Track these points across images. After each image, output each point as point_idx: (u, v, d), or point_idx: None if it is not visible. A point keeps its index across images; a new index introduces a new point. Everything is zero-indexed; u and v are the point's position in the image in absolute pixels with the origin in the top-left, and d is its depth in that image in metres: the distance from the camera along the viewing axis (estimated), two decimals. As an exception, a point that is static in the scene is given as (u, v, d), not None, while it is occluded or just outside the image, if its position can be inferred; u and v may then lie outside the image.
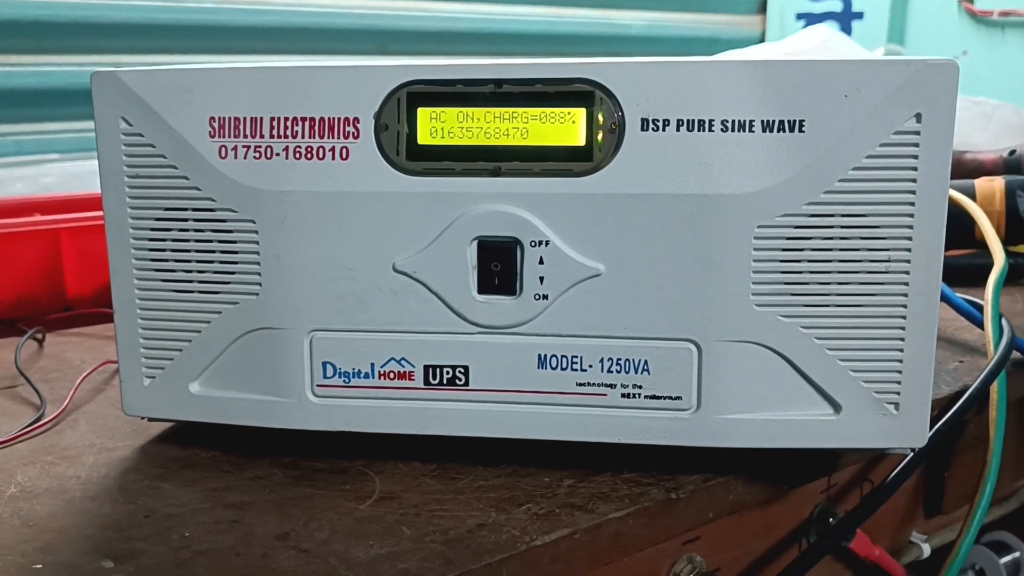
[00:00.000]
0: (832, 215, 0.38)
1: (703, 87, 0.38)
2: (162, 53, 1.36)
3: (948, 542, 0.54)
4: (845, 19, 1.93)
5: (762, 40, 2.08)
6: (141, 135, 0.42)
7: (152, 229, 0.43)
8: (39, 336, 0.66)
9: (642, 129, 0.39)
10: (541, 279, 0.40)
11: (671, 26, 2.01)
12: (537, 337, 0.41)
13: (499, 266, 0.40)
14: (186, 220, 0.42)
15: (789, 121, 0.38)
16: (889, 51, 1.46)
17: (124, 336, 0.44)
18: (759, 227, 0.38)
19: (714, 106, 0.38)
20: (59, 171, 0.93)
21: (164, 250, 0.43)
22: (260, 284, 0.42)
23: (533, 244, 0.40)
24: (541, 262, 0.40)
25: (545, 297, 0.40)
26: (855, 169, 0.38)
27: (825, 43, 0.87)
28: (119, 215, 0.43)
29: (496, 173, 0.40)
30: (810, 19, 1.99)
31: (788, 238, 0.38)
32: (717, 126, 0.38)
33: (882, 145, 0.38)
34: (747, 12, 2.13)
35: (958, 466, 0.56)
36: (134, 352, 0.44)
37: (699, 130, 0.38)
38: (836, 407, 0.40)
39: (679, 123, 0.38)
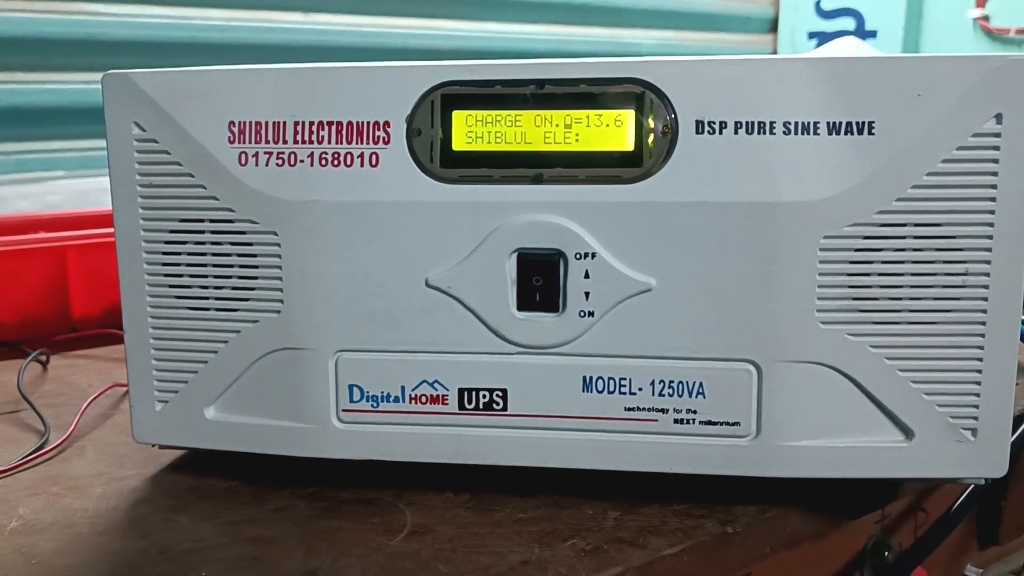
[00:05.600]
0: (905, 224, 0.35)
1: (763, 87, 0.35)
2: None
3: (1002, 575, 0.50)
4: (858, 38, 1.91)
5: (774, 59, 2.06)
6: (155, 141, 0.39)
7: (166, 242, 0.40)
8: (43, 358, 0.63)
9: (697, 132, 0.36)
10: (586, 295, 0.37)
11: (681, 45, 1.99)
12: (582, 358, 0.38)
13: (541, 280, 0.37)
14: (203, 232, 0.39)
15: (857, 123, 0.35)
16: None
17: (135, 357, 0.41)
18: (825, 238, 0.35)
19: (775, 107, 0.35)
20: (65, 189, 0.90)
21: (179, 264, 0.40)
22: (282, 301, 0.39)
23: (578, 257, 0.37)
24: (587, 276, 0.37)
25: (591, 314, 0.37)
26: (930, 175, 0.35)
27: (854, 54, 0.84)
28: (131, 227, 0.40)
29: (538, 180, 0.37)
30: (822, 38, 1.97)
31: (857, 249, 0.35)
32: (779, 128, 0.35)
33: (959, 148, 0.35)
34: (758, 31, 2.12)
35: (1015, 494, 0.53)
36: (145, 374, 0.41)
37: (759, 133, 0.35)
38: (908, 433, 0.37)
39: (737, 125, 0.36)
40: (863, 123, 0.35)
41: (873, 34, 1.91)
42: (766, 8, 2.13)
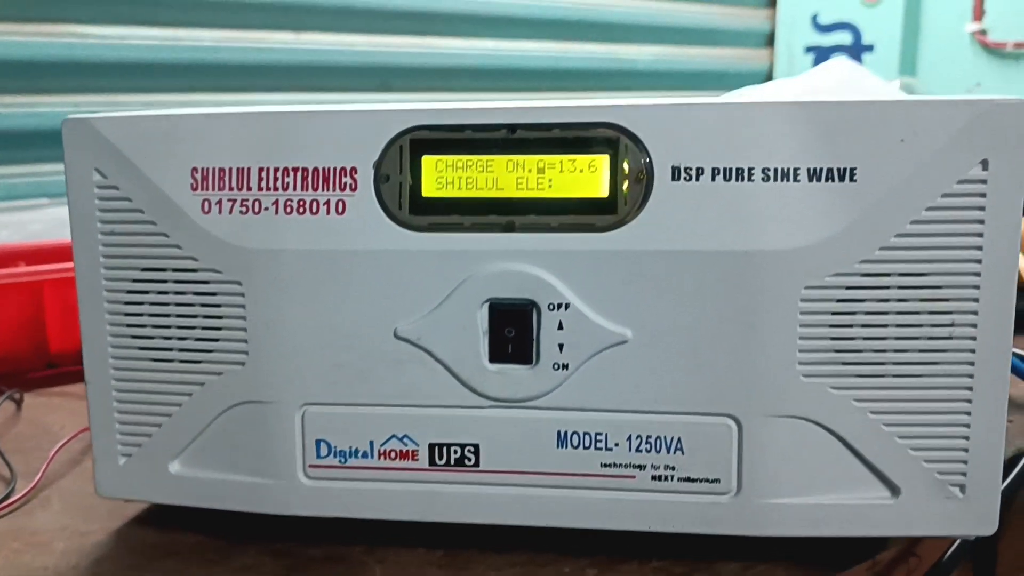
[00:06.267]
0: (888, 274, 0.34)
1: (741, 131, 0.34)
2: (160, 92, 1.34)
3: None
4: (855, 52, 1.90)
5: (770, 74, 2.05)
6: (116, 188, 0.38)
7: (128, 291, 0.38)
8: (17, 397, 0.61)
9: (673, 179, 0.35)
10: (560, 346, 0.36)
11: (678, 61, 1.99)
12: (556, 412, 0.36)
13: (513, 332, 0.36)
14: (165, 281, 0.38)
15: (839, 169, 0.34)
16: (904, 84, 1.43)
17: (97, 410, 0.39)
18: (806, 288, 0.34)
19: (754, 152, 0.34)
20: (48, 217, 0.89)
21: (141, 315, 0.38)
22: (247, 353, 0.37)
23: (551, 307, 0.36)
24: (560, 327, 0.36)
25: (565, 367, 0.36)
26: (914, 223, 0.34)
27: (848, 77, 0.83)
28: (92, 276, 0.38)
29: (510, 228, 0.36)
30: (819, 52, 1.96)
31: (839, 300, 0.34)
32: (757, 175, 0.34)
33: (944, 196, 0.33)
34: (755, 46, 2.11)
35: (1010, 537, 0.51)
36: (108, 427, 0.39)
37: (737, 179, 0.34)
38: (894, 490, 0.35)
39: (714, 172, 0.34)
40: (845, 169, 0.34)
41: (870, 48, 1.90)
42: (762, 23, 2.12)
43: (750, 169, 0.34)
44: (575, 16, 1.80)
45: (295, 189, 0.36)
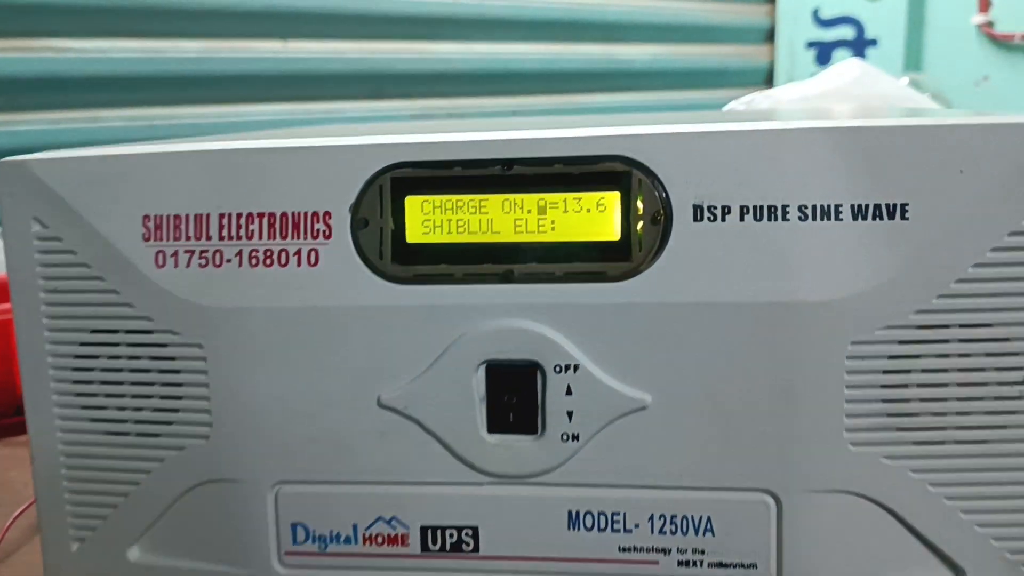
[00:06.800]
0: (948, 326, 0.29)
1: (773, 162, 0.29)
2: (143, 106, 1.29)
3: None
4: (859, 46, 1.85)
5: (771, 71, 2.01)
6: (58, 239, 0.33)
7: (76, 356, 0.34)
8: (-20, 449, 0.57)
9: (695, 219, 0.30)
10: (570, 414, 0.31)
11: (676, 59, 1.94)
12: (567, 488, 0.32)
13: (515, 398, 0.31)
14: (117, 345, 0.33)
15: (888, 205, 0.29)
16: (912, 81, 1.38)
17: (45, 490, 0.35)
18: (853, 344, 0.29)
19: (789, 187, 0.29)
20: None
21: (91, 382, 0.34)
22: (211, 425, 0.33)
23: (558, 369, 0.31)
24: (569, 392, 0.31)
25: (575, 437, 0.31)
26: (976, 266, 0.29)
27: (860, 80, 0.79)
28: (35, 339, 0.34)
29: (508, 278, 0.31)
30: (821, 48, 1.92)
31: (891, 357, 0.29)
32: (793, 213, 0.29)
33: (1011, 234, 0.29)
34: (754, 42, 2.06)
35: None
36: (58, 509, 0.35)
37: (770, 219, 0.29)
38: (957, 571, 0.31)
39: (743, 210, 0.30)
40: (895, 205, 0.29)
41: (874, 42, 1.85)
42: (762, 18, 2.08)
43: (784, 207, 0.29)
44: (569, 17, 1.75)
45: (260, 238, 0.32)
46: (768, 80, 1.93)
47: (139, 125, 1.27)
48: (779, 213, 0.29)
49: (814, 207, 0.29)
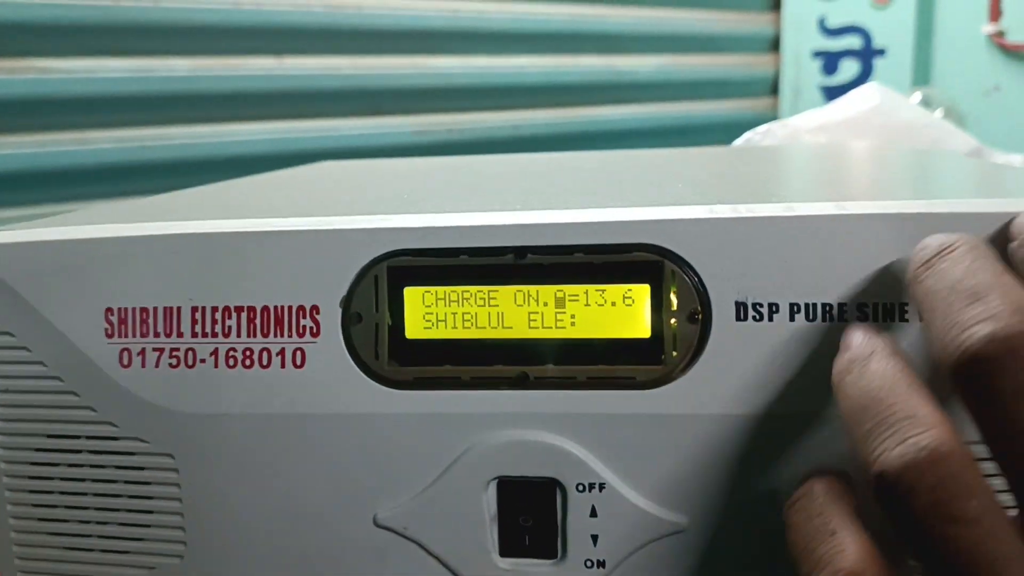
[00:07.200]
0: None
1: (829, 252, 0.26)
2: (132, 127, 1.25)
3: None
4: (866, 57, 1.82)
5: (776, 81, 1.97)
6: (11, 335, 0.29)
7: (32, 463, 0.30)
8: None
9: (738, 318, 0.26)
10: (594, 538, 0.27)
11: (679, 70, 1.91)
12: (590, 620, 0.28)
13: (531, 519, 0.27)
14: (79, 452, 0.29)
15: (963, 305, 0.25)
16: (923, 95, 1.34)
17: (-1, 612, 0.31)
18: (921, 462, 0.25)
19: (847, 282, 0.25)
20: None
21: (51, 491, 0.30)
22: (184, 543, 0.29)
23: (581, 488, 0.27)
24: (594, 514, 0.27)
25: (601, 564, 0.27)
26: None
27: (880, 107, 0.75)
28: (-14, 443, 0.30)
29: (522, 383, 0.27)
30: (828, 57, 1.88)
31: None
32: (851, 312, 0.25)
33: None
34: (759, 51, 2.03)
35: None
36: (14, 632, 0.31)
37: (825, 319, 0.26)
38: None
39: (793, 309, 0.26)
40: (971, 305, 0.25)
41: (881, 52, 1.81)
42: (766, 27, 2.04)
43: (841, 305, 0.25)
44: (571, 28, 1.72)
45: (239, 335, 0.28)
46: (773, 91, 1.90)
47: (129, 146, 1.23)
48: (835, 312, 0.25)
49: (875, 305, 0.25)
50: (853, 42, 1.86)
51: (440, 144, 1.43)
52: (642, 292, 0.27)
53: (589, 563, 0.27)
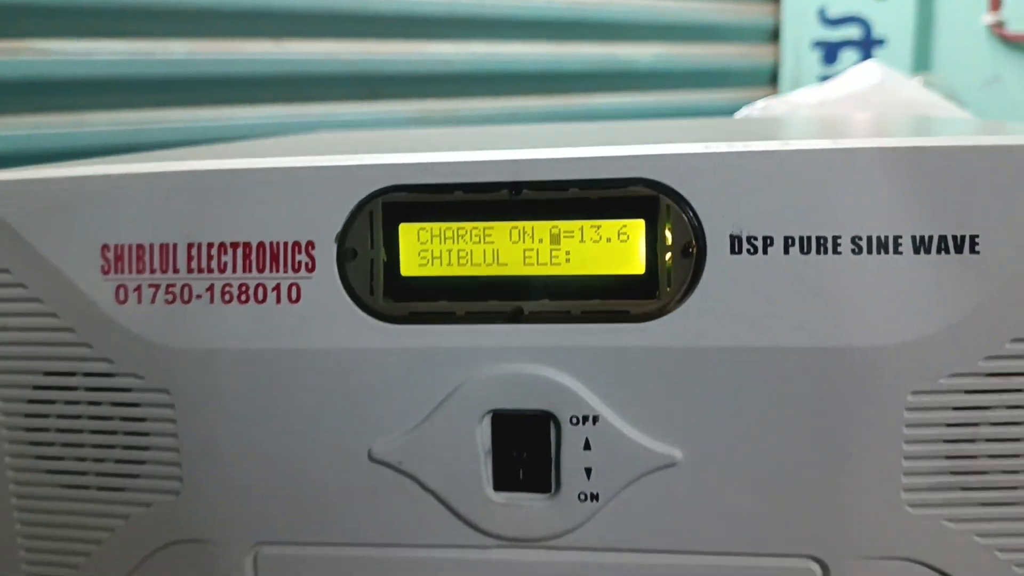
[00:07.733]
0: (1022, 373, 0.26)
1: (823, 187, 0.26)
2: (130, 108, 1.25)
3: None
4: (866, 46, 1.81)
5: (775, 71, 1.97)
6: (7, 271, 0.29)
7: (29, 401, 0.30)
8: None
9: (732, 251, 0.26)
10: (588, 471, 0.27)
11: (679, 58, 1.91)
12: (584, 553, 0.28)
13: (525, 452, 0.28)
14: (75, 389, 0.30)
15: (955, 237, 0.25)
16: (925, 81, 1.35)
17: (-5, 550, 0.31)
18: (913, 394, 0.26)
19: (840, 215, 0.26)
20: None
21: (47, 429, 0.30)
22: (180, 479, 0.29)
23: (575, 421, 0.27)
24: (587, 446, 0.27)
25: (595, 497, 0.27)
26: (1057, 305, 0.25)
27: (880, 84, 0.75)
28: (-17, 381, 0.30)
29: (517, 317, 0.27)
30: (827, 48, 1.88)
31: (956, 408, 0.26)
32: (845, 245, 0.26)
33: (1097, 268, 0.25)
34: (758, 41, 2.03)
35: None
36: (12, 571, 0.31)
37: (819, 252, 0.26)
38: (1030, 650, 0.27)
39: (788, 242, 0.26)
40: (963, 237, 0.25)
41: (881, 42, 1.81)
42: (765, 17, 2.04)
43: (835, 238, 0.26)
44: (570, 16, 1.72)
45: (234, 271, 0.28)
46: (772, 81, 1.89)
47: (126, 129, 1.23)
48: (829, 245, 0.26)
49: (869, 239, 0.26)
50: (853, 32, 1.86)
51: (438, 129, 1.43)
52: (637, 228, 0.27)
53: (583, 496, 0.27)
